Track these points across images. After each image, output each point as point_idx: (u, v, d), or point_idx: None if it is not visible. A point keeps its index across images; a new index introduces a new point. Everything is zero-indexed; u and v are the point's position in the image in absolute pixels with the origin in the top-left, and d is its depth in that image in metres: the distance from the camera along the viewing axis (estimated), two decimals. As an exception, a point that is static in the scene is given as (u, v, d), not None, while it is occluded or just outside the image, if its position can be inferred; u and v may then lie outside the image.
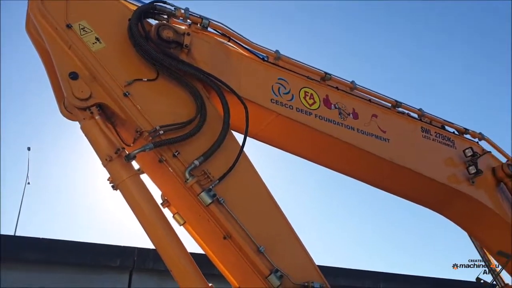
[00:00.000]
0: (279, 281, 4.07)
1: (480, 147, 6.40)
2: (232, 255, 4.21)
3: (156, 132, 3.99)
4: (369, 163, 5.44)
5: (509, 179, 6.22)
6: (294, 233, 4.46)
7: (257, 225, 4.26)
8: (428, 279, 32.34)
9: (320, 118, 5.08)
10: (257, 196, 4.44)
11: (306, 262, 4.46)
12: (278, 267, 4.13)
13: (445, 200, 6.01)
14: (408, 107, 5.91)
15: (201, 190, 4.01)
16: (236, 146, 4.37)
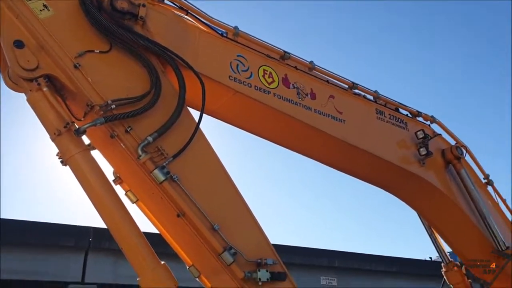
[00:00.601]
0: (232, 258, 4.08)
1: (431, 129, 6.60)
2: (185, 233, 4.18)
3: (107, 106, 3.86)
4: (325, 143, 5.51)
5: (457, 161, 6.46)
6: (249, 211, 4.47)
7: (212, 203, 4.23)
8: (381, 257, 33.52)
9: (278, 97, 5.07)
10: (213, 174, 4.40)
11: (260, 240, 4.49)
12: (231, 244, 4.13)
13: (396, 181, 6.19)
14: (364, 89, 6.00)
15: (154, 167, 3.93)
16: (192, 123, 4.30)
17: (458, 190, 6.53)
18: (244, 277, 4.12)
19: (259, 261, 4.28)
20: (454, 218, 6.54)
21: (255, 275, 4.17)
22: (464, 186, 6.50)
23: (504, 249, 6.44)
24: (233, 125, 5.33)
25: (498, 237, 6.47)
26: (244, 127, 5.40)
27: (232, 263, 4.08)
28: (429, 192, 6.28)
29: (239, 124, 5.36)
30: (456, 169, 6.53)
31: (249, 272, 4.17)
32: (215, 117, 5.14)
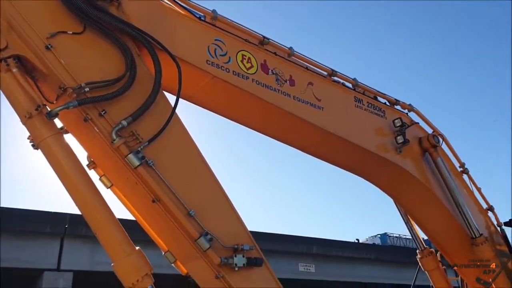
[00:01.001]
0: (208, 244, 4.06)
1: (409, 118, 6.65)
2: (161, 219, 4.13)
3: (81, 89, 3.76)
4: (303, 130, 5.49)
5: (433, 149, 6.53)
6: (225, 197, 4.44)
7: (188, 189, 4.19)
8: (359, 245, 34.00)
9: (257, 83, 5.03)
10: (189, 160, 4.35)
11: (237, 226, 4.47)
12: (207, 230, 4.11)
13: (372, 168, 6.24)
14: (343, 76, 5.99)
15: (129, 151, 3.86)
16: (168, 107, 4.23)
17: (434, 178, 6.62)
18: (220, 262, 4.11)
19: (236, 246, 4.27)
20: (429, 205, 6.63)
21: (232, 261, 4.17)
22: (440, 174, 6.58)
23: (477, 236, 6.57)
24: (210, 110, 5.27)
25: (472, 224, 6.59)
26: (222, 113, 5.35)
27: (208, 249, 4.06)
28: (405, 179, 6.34)
29: (217, 110, 5.30)
30: (433, 157, 6.61)
31: (225, 257, 4.16)
32: (192, 102, 5.07)
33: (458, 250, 6.97)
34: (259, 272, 4.45)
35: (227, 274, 4.18)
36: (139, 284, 3.86)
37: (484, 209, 7.36)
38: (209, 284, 4.36)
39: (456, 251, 7.04)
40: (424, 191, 6.48)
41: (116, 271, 3.82)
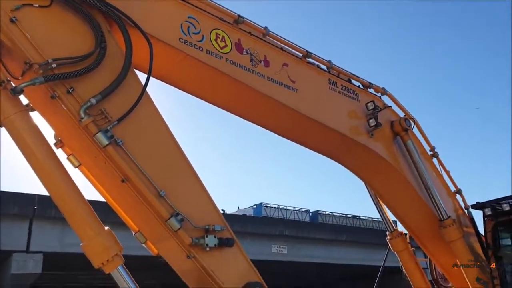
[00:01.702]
0: (179, 225, 4.03)
1: (382, 101, 6.70)
2: (130, 199, 4.07)
3: (47, 65, 3.64)
4: (276, 111, 5.47)
5: (404, 133, 6.61)
6: (196, 178, 4.41)
7: (158, 169, 4.13)
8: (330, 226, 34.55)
9: (231, 62, 4.95)
10: (159, 140, 4.28)
11: (208, 206, 4.45)
12: (178, 210, 4.07)
13: (344, 150, 6.28)
14: (318, 58, 5.97)
15: (98, 130, 3.77)
16: (138, 86, 4.14)
17: (405, 161, 6.71)
18: (191, 242, 4.10)
19: (207, 227, 4.26)
20: (399, 188, 6.74)
21: (203, 241, 4.16)
22: (410, 157, 6.68)
23: (445, 219, 6.73)
24: (183, 90, 5.17)
25: (440, 207, 6.73)
26: (195, 92, 5.26)
27: (179, 229, 4.03)
28: (376, 162, 6.42)
29: (189, 90, 5.21)
30: (404, 140, 6.69)
31: (196, 238, 4.15)
32: (164, 81, 4.96)
33: (426, 232, 7.13)
34: (230, 253, 4.45)
35: (198, 254, 4.17)
36: (109, 264, 3.82)
37: (453, 192, 7.52)
38: (180, 264, 4.36)
39: (424, 232, 7.21)
40: (394, 174, 6.58)
41: (85, 251, 3.76)
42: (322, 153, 6.41)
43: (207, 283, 4.30)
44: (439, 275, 8.92)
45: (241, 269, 4.53)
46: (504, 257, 6.72)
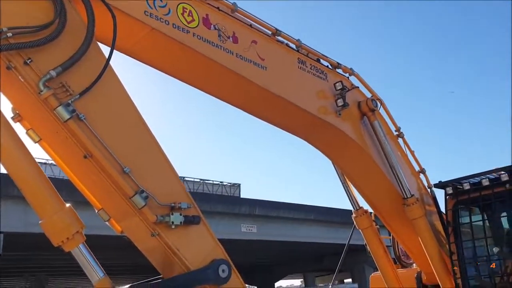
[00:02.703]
0: (144, 202, 3.97)
1: (350, 82, 6.73)
2: (93, 176, 3.98)
3: (2, 34, 3.46)
4: (244, 89, 5.41)
5: (371, 113, 6.69)
6: (162, 154, 4.34)
7: (122, 145, 4.05)
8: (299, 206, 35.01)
9: (198, 37, 4.84)
10: (123, 115, 4.18)
11: (174, 184, 4.40)
12: (143, 187, 4.01)
13: (313, 130, 6.30)
14: (287, 36, 5.92)
15: (58, 104, 3.64)
16: (102, 59, 4.00)
17: (371, 141, 6.81)
18: (156, 220, 4.05)
19: (173, 205, 4.21)
20: (365, 167, 6.85)
21: (168, 219, 4.12)
22: (376, 137, 6.78)
23: (409, 197, 6.90)
24: (148, 65, 5.05)
25: (404, 185, 6.89)
26: (161, 67, 5.14)
27: (144, 207, 3.98)
28: (344, 142, 6.48)
29: (155, 64, 5.09)
30: (370, 121, 6.77)
31: (161, 215, 4.10)
32: (129, 55, 4.82)
33: (390, 210, 7.30)
34: (196, 231, 4.43)
35: (163, 232, 4.14)
36: (70, 242, 3.74)
37: (417, 171, 7.70)
38: (144, 242, 4.31)
39: (388, 210, 7.38)
40: (360, 153, 6.67)
41: (44, 228, 3.67)
42: (290, 131, 6.42)
43: (172, 261, 4.28)
44: (402, 252, 9.22)
45: (207, 247, 4.51)
46: (462, 234, 6.95)
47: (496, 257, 6.85)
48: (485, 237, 6.97)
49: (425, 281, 8.02)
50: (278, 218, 31.05)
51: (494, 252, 6.94)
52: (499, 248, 6.94)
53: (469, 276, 6.67)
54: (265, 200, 31.08)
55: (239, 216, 28.97)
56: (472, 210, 7.14)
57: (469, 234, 6.97)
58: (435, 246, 6.96)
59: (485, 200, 6.88)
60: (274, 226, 31.05)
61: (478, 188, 6.91)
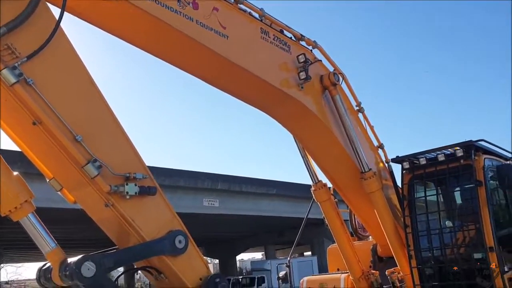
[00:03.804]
0: (96, 171, 3.84)
1: (313, 55, 6.68)
2: (44, 144, 3.81)
3: None
4: (204, 58, 5.26)
5: (333, 87, 6.69)
6: (116, 123, 4.19)
7: (74, 111, 3.88)
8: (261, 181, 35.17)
9: (156, 2, 4.63)
10: (75, 80, 3.98)
11: (129, 153, 4.27)
12: (96, 156, 3.87)
13: (274, 102, 6.25)
14: (250, 5, 5.78)
15: (4, 67, 3.42)
16: (52, 21, 3.78)
17: (332, 115, 6.83)
18: (110, 190, 3.94)
19: (127, 175, 4.10)
20: (325, 141, 6.89)
21: (122, 189, 4.02)
22: (337, 112, 6.81)
23: (367, 171, 7.01)
24: (104, 30, 4.80)
25: (362, 159, 6.99)
26: (116, 33, 4.89)
27: (97, 176, 3.85)
28: (305, 115, 6.47)
29: (111, 29, 4.83)
30: (332, 95, 6.78)
31: (115, 185, 3.99)
32: (83, 19, 4.56)
33: (348, 183, 7.42)
34: (152, 202, 4.34)
35: (117, 202, 4.03)
36: (18, 211, 3.60)
37: (375, 146, 7.83)
38: (98, 212, 4.20)
39: (346, 184, 7.49)
40: (321, 127, 6.69)
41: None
42: (251, 103, 6.33)
43: (128, 232, 4.19)
44: (359, 225, 9.46)
45: (164, 218, 4.44)
46: (417, 207, 7.16)
47: (448, 230, 7.12)
48: (438, 210, 7.22)
49: (380, 253, 8.28)
50: (240, 192, 31.22)
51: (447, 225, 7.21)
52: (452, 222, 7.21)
53: (421, 248, 6.90)
54: (228, 175, 31.13)
55: (201, 191, 28.92)
56: (427, 185, 7.36)
57: (423, 208, 7.19)
58: (390, 219, 7.14)
59: (440, 175, 7.09)
60: (236, 201, 31.23)
61: (433, 163, 7.10)
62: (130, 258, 4.15)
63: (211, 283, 4.50)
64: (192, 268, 4.51)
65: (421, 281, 6.78)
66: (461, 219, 7.10)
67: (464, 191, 7.20)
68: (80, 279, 3.64)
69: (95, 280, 3.69)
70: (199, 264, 4.61)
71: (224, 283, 4.58)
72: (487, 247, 6.30)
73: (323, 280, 8.24)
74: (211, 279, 4.53)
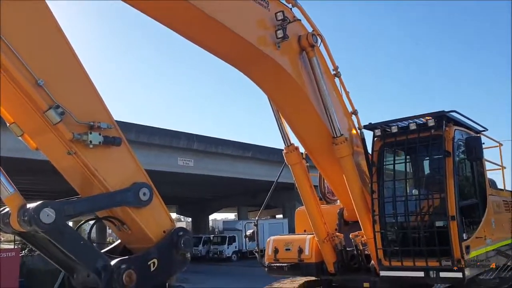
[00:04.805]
0: (59, 118, 3.72)
1: (292, 13, 6.52)
2: (4, 87, 3.64)
3: None
4: (179, 9, 5.06)
5: (310, 49, 6.59)
6: (82, 70, 4.04)
7: (37, 56, 3.73)
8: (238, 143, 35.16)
9: None
10: (40, 25, 3.80)
11: (94, 101, 4.14)
12: (59, 103, 3.74)
13: (250, 60, 6.11)
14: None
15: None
16: None
17: (308, 77, 6.76)
18: (72, 138, 3.83)
19: (92, 123, 3.99)
20: (299, 103, 6.83)
21: (86, 137, 3.91)
22: (313, 74, 6.74)
23: (338, 136, 7.03)
24: None
25: (335, 124, 6.99)
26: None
27: (59, 123, 3.73)
28: (280, 76, 6.38)
29: None
30: (309, 56, 6.68)
31: (78, 133, 3.87)
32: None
33: (319, 147, 7.44)
34: (117, 153, 4.26)
35: (80, 151, 3.94)
36: None
37: (349, 112, 7.82)
38: (59, 160, 4.10)
39: (318, 148, 7.52)
40: (296, 89, 6.62)
41: None
42: (228, 61, 6.15)
43: (91, 182, 4.12)
44: (327, 189, 9.58)
45: (128, 170, 4.37)
46: (385, 174, 7.26)
47: (413, 197, 7.28)
48: (405, 178, 7.35)
49: (346, 217, 8.44)
50: (216, 153, 31.22)
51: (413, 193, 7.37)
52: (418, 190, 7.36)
53: (386, 213, 7.05)
54: (204, 135, 31.03)
55: (176, 150, 28.79)
56: (397, 153, 7.45)
57: (391, 175, 7.30)
58: (358, 184, 7.23)
59: (410, 144, 7.17)
60: (211, 161, 31.26)
61: (405, 132, 7.16)
62: (91, 207, 4.09)
63: (174, 236, 4.50)
64: (156, 221, 4.50)
65: (383, 245, 6.97)
66: (427, 188, 7.25)
67: (432, 160, 7.33)
68: (38, 225, 3.58)
69: (54, 227, 3.64)
70: (163, 217, 4.60)
71: (187, 236, 4.59)
72: (449, 216, 6.47)
73: (289, 240, 8.38)
74: (175, 232, 4.53)
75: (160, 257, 4.32)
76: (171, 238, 4.49)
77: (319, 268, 7.84)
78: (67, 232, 3.86)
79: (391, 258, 6.90)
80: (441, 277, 6.59)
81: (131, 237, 4.51)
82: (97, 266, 3.90)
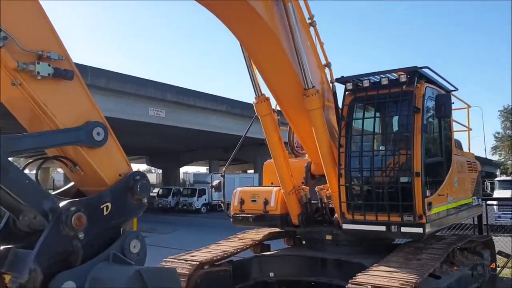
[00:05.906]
0: (1, 42, 3.37)
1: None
2: None
3: None
4: None
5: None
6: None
7: None
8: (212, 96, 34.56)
9: None
10: None
11: (44, 29, 3.77)
12: (2, 27, 3.38)
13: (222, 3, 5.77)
14: None
15: None
16: None
17: (282, 24, 6.48)
18: (17, 67, 3.50)
19: (40, 53, 3.65)
20: (271, 50, 6.58)
21: (33, 68, 3.58)
22: (288, 21, 6.46)
23: (310, 88, 6.85)
24: None
25: (307, 75, 6.79)
26: None
27: (1, 47, 3.38)
28: (253, 20, 6.07)
29: None
30: (284, 2, 6.39)
31: (24, 63, 3.54)
32: None
33: (290, 98, 7.26)
34: (69, 88, 3.93)
35: (26, 82, 3.60)
36: None
37: (322, 65, 7.62)
38: (4, 91, 3.76)
39: (288, 99, 7.34)
40: (268, 35, 6.34)
41: None
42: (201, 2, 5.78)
43: (40, 118, 3.82)
44: (297, 143, 9.48)
45: (81, 107, 4.06)
46: (353, 129, 7.18)
47: (380, 153, 7.24)
48: (373, 133, 7.28)
49: (313, 171, 8.41)
50: (189, 105, 30.74)
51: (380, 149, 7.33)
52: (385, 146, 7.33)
53: (352, 168, 7.01)
54: (178, 86, 30.35)
55: (148, 99, 28.14)
56: (367, 108, 7.34)
57: (359, 130, 7.21)
58: (326, 138, 7.14)
59: (380, 99, 7.06)
60: (184, 113, 30.80)
61: (376, 87, 7.03)
62: (39, 143, 3.80)
63: (130, 180, 4.29)
64: (111, 163, 4.26)
65: (347, 199, 6.97)
66: (394, 144, 7.20)
67: (401, 117, 7.26)
68: None
69: None
70: (119, 160, 4.36)
71: (144, 181, 4.38)
72: (414, 172, 6.48)
73: (255, 191, 8.32)
74: (131, 176, 4.31)
75: (114, 201, 4.11)
76: (126, 182, 4.27)
77: (284, 219, 7.84)
78: (11, 170, 3.58)
79: (354, 211, 6.93)
80: (402, 232, 6.67)
81: (84, 179, 4.27)
82: (44, 207, 3.66)
